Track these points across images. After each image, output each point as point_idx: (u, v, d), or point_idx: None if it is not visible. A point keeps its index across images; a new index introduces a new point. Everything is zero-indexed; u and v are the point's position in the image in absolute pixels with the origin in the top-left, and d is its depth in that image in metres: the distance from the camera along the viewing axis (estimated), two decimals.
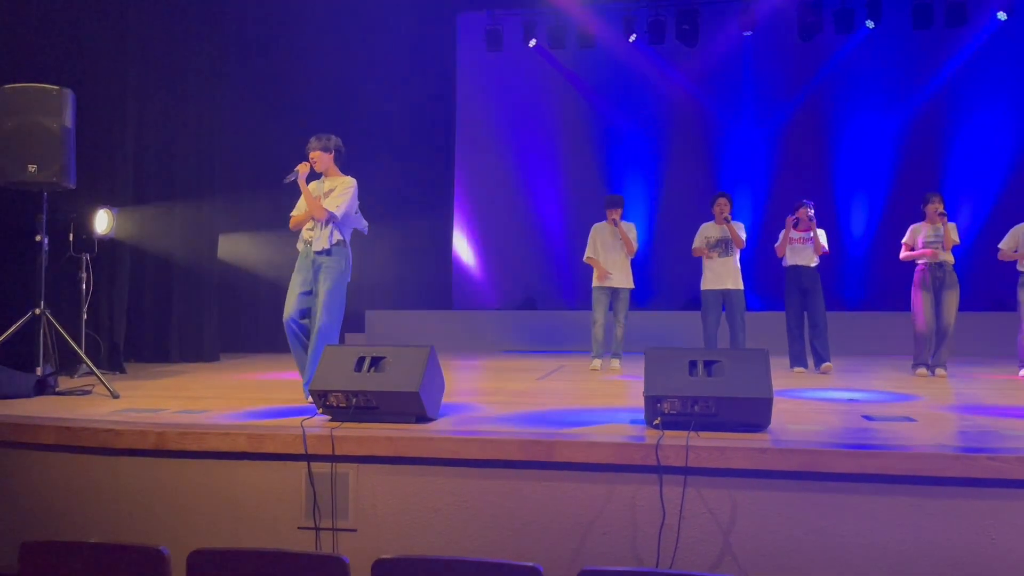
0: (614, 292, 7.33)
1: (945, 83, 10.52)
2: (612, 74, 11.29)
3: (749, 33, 10.70)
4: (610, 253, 7.34)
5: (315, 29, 9.44)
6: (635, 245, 7.46)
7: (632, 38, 10.87)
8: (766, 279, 10.87)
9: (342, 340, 9.86)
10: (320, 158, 5.12)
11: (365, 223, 5.36)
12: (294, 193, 5.51)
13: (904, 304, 6.85)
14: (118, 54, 7.13)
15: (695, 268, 11.22)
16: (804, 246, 6.95)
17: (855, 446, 3.23)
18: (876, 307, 10.15)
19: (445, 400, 4.57)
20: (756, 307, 10.85)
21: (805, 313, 6.98)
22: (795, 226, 7.03)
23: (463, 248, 11.47)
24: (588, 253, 7.46)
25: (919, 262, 6.61)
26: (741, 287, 7.08)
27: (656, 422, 3.53)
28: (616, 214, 7.33)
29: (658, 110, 11.33)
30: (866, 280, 10.56)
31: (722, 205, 7.17)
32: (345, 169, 5.34)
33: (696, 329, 10.05)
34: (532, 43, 11.05)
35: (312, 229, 5.06)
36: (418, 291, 10.65)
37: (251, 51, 8.91)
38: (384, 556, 2.16)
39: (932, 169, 10.41)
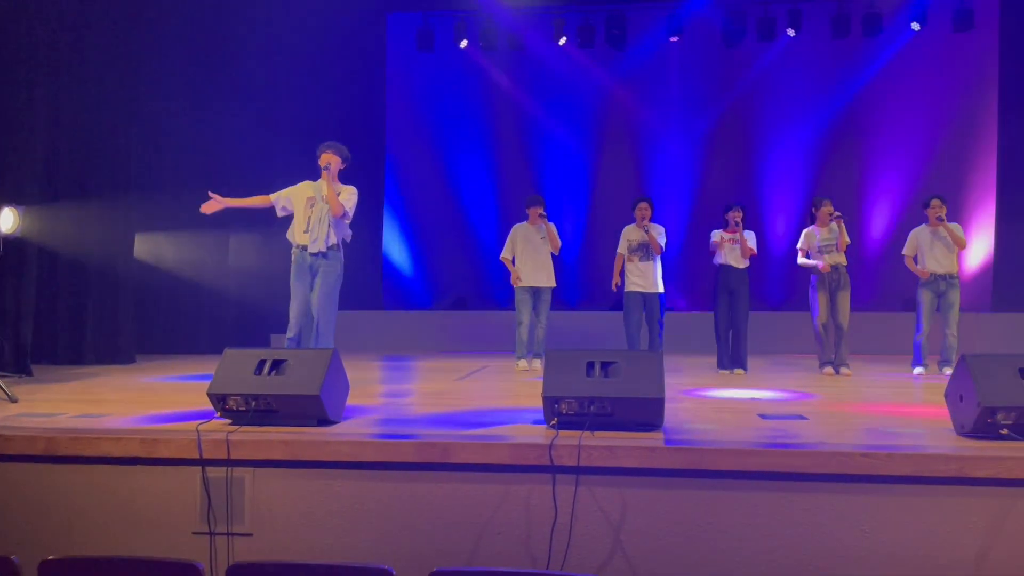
0: (536, 292, 7.37)
1: (862, 90, 10.88)
2: (543, 76, 11.38)
3: (676, 39, 10.91)
4: (534, 253, 7.38)
5: (241, 22, 9.29)
6: (559, 242, 7.44)
7: (562, 41, 10.98)
8: (693, 280, 11.12)
9: (268, 342, 9.81)
10: (332, 161, 5.37)
11: (350, 232, 5.47)
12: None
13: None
14: (23, 40, 6.85)
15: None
16: (733, 247, 7.11)
17: (740, 444, 3.34)
18: (797, 307, 10.44)
19: (356, 402, 4.59)
20: (683, 307, 11.08)
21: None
22: (724, 228, 7.19)
23: (394, 248, 11.44)
24: (504, 253, 7.47)
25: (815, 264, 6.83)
26: (661, 290, 7.20)
27: (553, 422, 3.60)
28: (537, 212, 7.34)
29: (588, 113, 11.47)
30: (787, 280, 10.86)
31: (643, 210, 7.29)
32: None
33: (619, 328, 10.25)
34: (463, 44, 11.07)
35: (308, 232, 5.16)
36: (347, 292, 10.43)
37: (172, 39, 8.70)
38: (241, 562, 2.16)
39: (849, 172, 10.77)
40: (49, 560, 2.07)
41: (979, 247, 10.29)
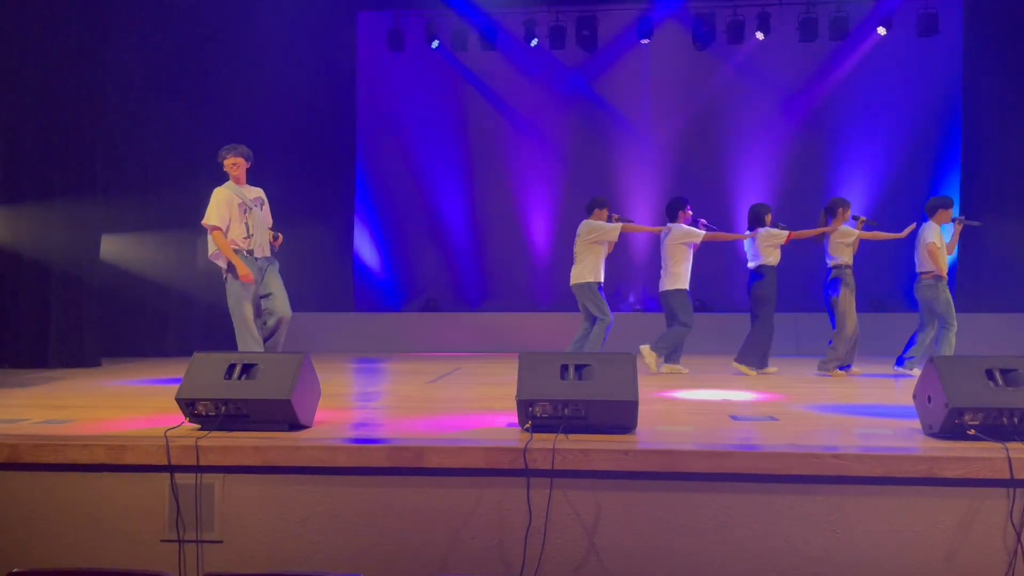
0: None
1: (830, 92, 11.04)
2: (514, 77, 11.40)
3: (646, 41, 10.97)
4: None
5: (210, 22, 9.17)
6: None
7: (534, 42, 10.99)
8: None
9: (237, 345, 9.69)
10: (239, 165, 5.46)
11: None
12: (187, 193, 5.57)
13: (803, 306, 7.15)
14: None
15: None
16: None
17: (712, 447, 3.35)
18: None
19: (327, 406, 4.54)
20: (654, 309, 11.14)
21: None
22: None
23: (365, 249, 11.37)
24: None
25: (844, 263, 6.82)
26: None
27: (527, 426, 3.59)
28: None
29: (559, 113, 11.51)
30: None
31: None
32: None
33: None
34: (435, 44, 11.05)
35: (248, 238, 5.37)
36: (318, 293, 10.49)
37: (139, 38, 8.56)
38: (213, 572, 2.12)
39: (817, 173, 10.92)
40: (14, 573, 2.01)
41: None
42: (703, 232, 7.08)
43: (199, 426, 3.68)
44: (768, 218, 7.02)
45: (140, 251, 8.49)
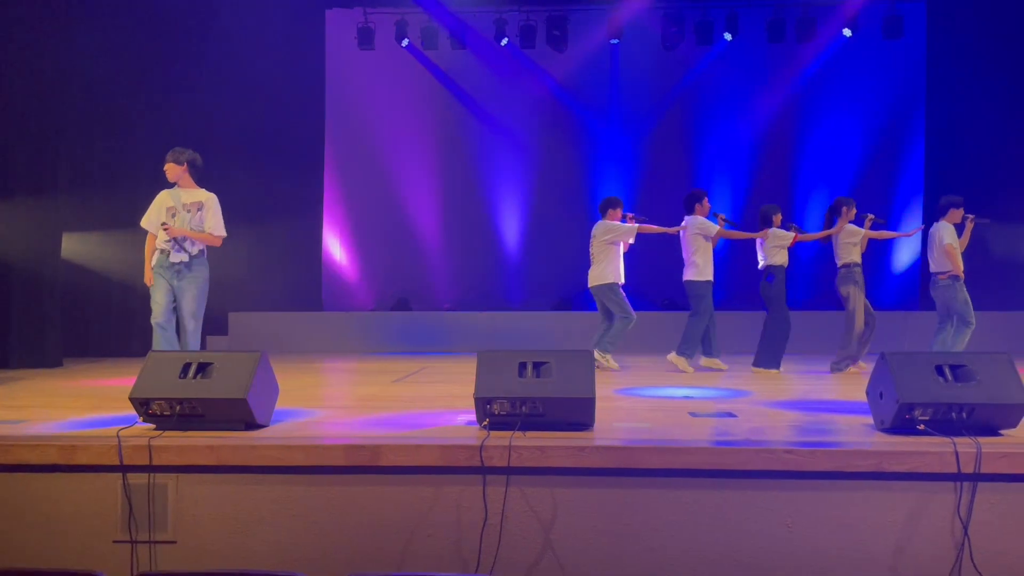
0: None
1: (797, 93, 11.15)
2: (485, 76, 11.39)
3: (616, 41, 11.02)
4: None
5: (175, 18, 9.07)
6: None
7: (504, 41, 10.99)
8: (637, 280, 11.22)
9: (204, 344, 9.60)
10: (170, 169, 5.48)
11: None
12: (152, 191, 5.57)
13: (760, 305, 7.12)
14: None
15: (566, 268, 11.50)
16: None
17: (667, 443, 3.38)
18: (738, 307, 10.63)
19: (289, 406, 4.52)
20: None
21: None
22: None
23: (334, 248, 11.31)
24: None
25: (853, 262, 6.90)
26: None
27: (485, 423, 3.59)
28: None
29: (530, 113, 11.51)
30: (729, 280, 11.04)
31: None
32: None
33: (561, 327, 10.33)
34: (405, 42, 11.01)
35: (168, 241, 5.35)
36: (286, 292, 10.41)
37: (103, 32, 8.44)
38: (147, 572, 2.10)
39: (784, 173, 11.02)
40: None
41: (907, 248, 10.63)
42: (716, 227, 7.13)
43: (154, 426, 3.64)
44: (777, 219, 7.07)
45: (104, 250, 8.37)
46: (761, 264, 7.05)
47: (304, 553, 3.33)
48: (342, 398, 5.30)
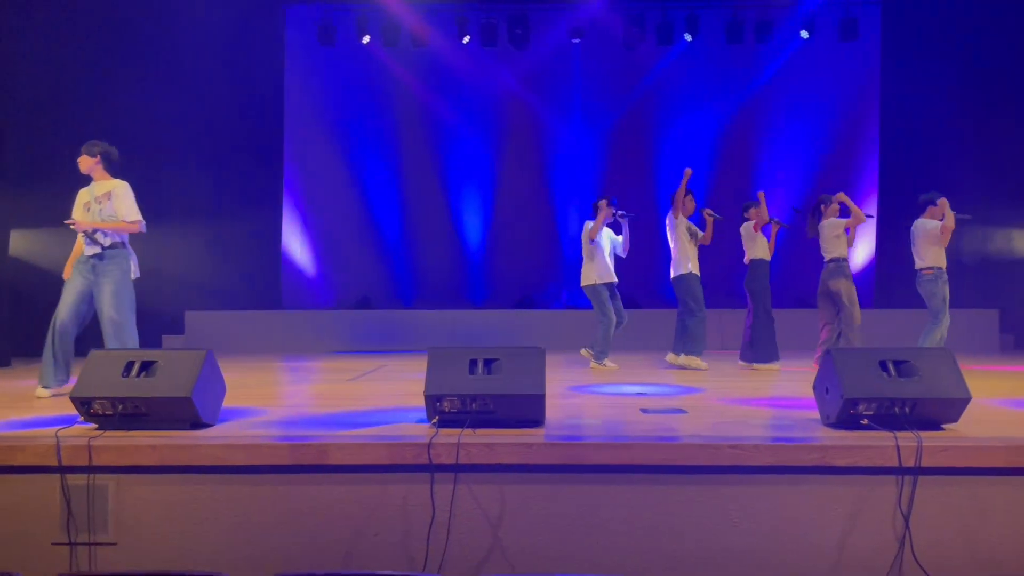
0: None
1: (756, 94, 11.26)
2: (446, 74, 11.35)
3: (578, 40, 11.04)
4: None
5: (132, 11, 8.91)
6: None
7: (466, 39, 10.96)
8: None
9: (159, 343, 9.45)
10: (83, 161, 5.38)
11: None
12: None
13: (729, 303, 7.25)
14: None
15: (528, 266, 11.50)
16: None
17: (614, 439, 3.38)
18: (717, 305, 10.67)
19: (239, 405, 4.45)
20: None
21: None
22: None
23: (294, 246, 11.19)
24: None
25: (840, 256, 6.91)
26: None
27: (434, 421, 3.57)
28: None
29: (492, 111, 11.50)
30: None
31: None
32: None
33: (523, 325, 10.32)
34: (366, 39, 10.93)
35: (84, 236, 5.23)
36: (244, 291, 10.28)
37: (57, 24, 8.25)
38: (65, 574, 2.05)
39: (743, 173, 11.12)
40: None
41: (862, 247, 10.79)
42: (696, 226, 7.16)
43: (96, 426, 3.56)
44: (753, 213, 7.14)
45: (53, 247, 8.17)
46: (745, 259, 7.15)
47: (247, 553, 3.28)
48: (293, 396, 5.24)
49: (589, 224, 7.22)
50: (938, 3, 9.93)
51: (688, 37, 10.83)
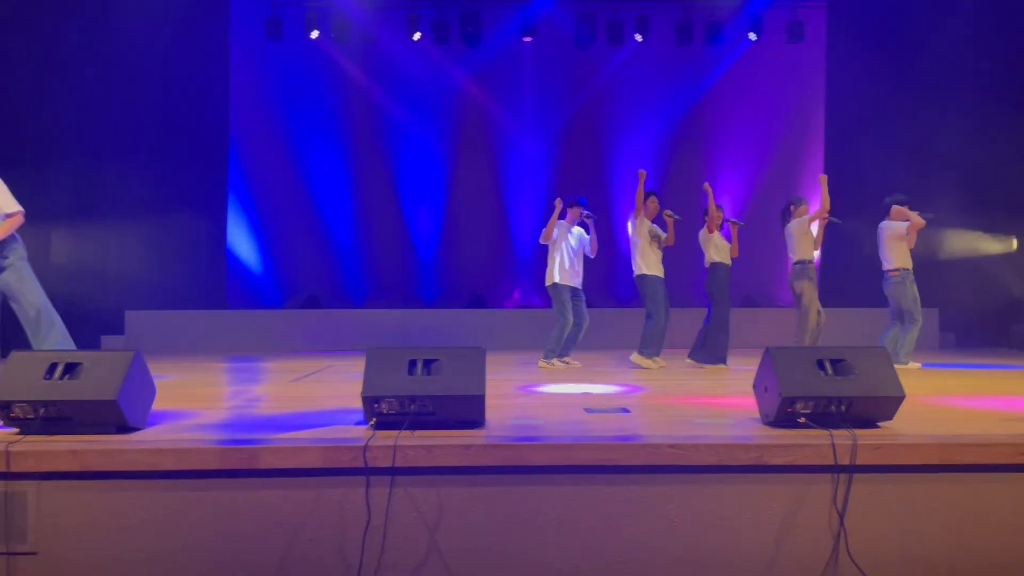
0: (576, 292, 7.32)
1: (705, 94, 11.38)
2: (397, 71, 11.26)
3: (529, 39, 11.03)
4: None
5: (75, 4, 8.65)
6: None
7: (417, 36, 10.88)
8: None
9: (99, 344, 9.18)
10: None
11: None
12: (42, 182, 5.26)
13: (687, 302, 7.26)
14: None
15: (480, 265, 11.44)
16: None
17: (555, 439, 3.35)
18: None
19: (171, 407, 4.32)
20: (538, 304, 11.21)
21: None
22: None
23: (240, 244, 10.97)
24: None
25: (805, 258, 6.98)
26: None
27: (372, 423, 3.50)
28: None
29: (443, 109, 11.43)
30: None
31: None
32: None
33: (475, 325, 10.27)
34: (315, 35, 10.78)
35: None
36: (188, 290, 10.05)
37: None
38: None
39: (693, 173, 11.20)
40: None
41: None
42: (649, 224, 7.16)
43: (17, 430, 3.41)
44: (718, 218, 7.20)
45: None
46: (706, 262, 7.19)
47: (175, 562, 3.17)
48: (230, 398, 5.12)
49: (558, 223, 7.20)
50: (881, 6, 10.13)
51: (639, 37, 10.89)
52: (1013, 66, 9.17)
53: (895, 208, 7.05)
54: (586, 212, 7.27)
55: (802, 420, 3.44)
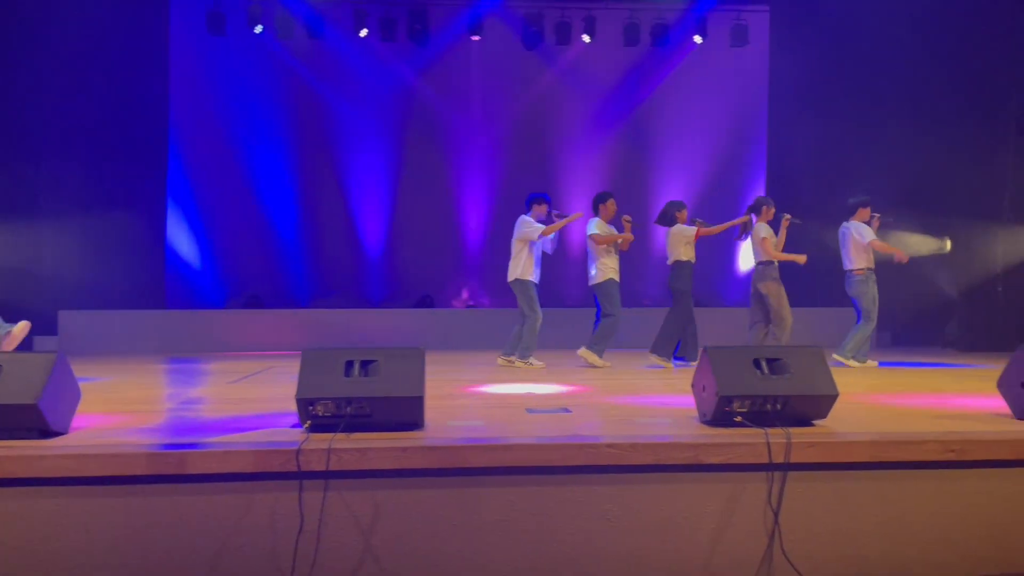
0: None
1: (652, 96, 11.48)
2: (344, 68, 11.11)
3: (477, 38, 10.98)
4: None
5: None
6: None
7: (363, 33, 10.75)
8: (496, 277, 11.22)
9: (30, 345, 8.86)
10: None
11: None
12: None
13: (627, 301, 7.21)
14: None
15: (428, 265, 11.35)
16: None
17: (493, 440, 3.32)
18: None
19: (98, 411, 4.18)
20: (486, 304, 11.18)
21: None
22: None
23: (180, 243, 10.71)
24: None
25: (768, 260, 7.08)
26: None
27: (307, 425, 3.42)
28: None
29: (391, 106, 11.33)
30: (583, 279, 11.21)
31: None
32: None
33: (422, 325, 10.18)
34: (258, 29, 10.56)
35: None
36: (125, 289, 9.76)
37: None
38: None
39: (639, 174, 11.32)
40: None
41: (748, 247, 11.09)
42: (611, 231, 7.17)
43: None
44: (682, 215, 7.20)
45: None
46: (669, 260, 7.23)
47: (99, 572, 3.05)
48: (162, 401, 4.98)
49: (524, 220, 7.15)
50: (823, 10, 10.32)
51: (586, 38, 10.92)
52: (949, 70, 9.42)
53: (861, 209, 7.22)
54: (555, 211, 7.36)
55: (738, 419, 3.47)
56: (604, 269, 7.04)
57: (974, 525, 3.31)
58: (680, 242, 7.15)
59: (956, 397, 4.86)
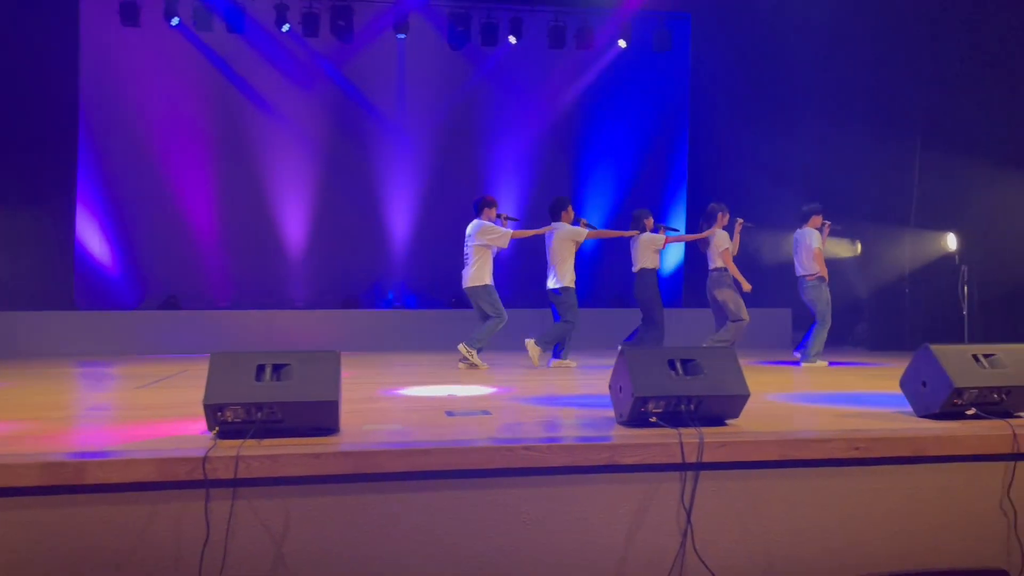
0: None
1: (576, 99, 11.58)
2: (265, 63, 10.89)
3: (403, 36, 10.89)
4: None
5: None
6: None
7: (285, 28, 10.53)
8: (421, 278, 11.15)
9: None
10: None
11: None
12: None
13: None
14: None
15: (352, 265, 11.18)
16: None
17: (409, 444, 3.28)
18: (524, 304, 10.76)
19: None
20: (413, 305, 11.08)
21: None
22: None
23: (91, 241, 10.29)
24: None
25: (722, 266, 7.24)
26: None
27: (215, 432, 3.31)
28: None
29: (314, 103, 11.15)
30: (517, 279, 11.18)
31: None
32: None
33: (347, 326, 10.03)
34: (175, 21, 10.24)
35: None
36: (30, 289, 9.33)
37: None
38: None
39: (564, 176, 11.41)
40: None
41: (674, 251, 11.32)
42: (587, 231, 7.21)
43: None
44: (649, 223, 7.26)
45: None
46: (634, 267, 7.26)
47: None
48: (63, 408, 4.75)
49: (486, 226, 7.09)
50: (745, 19, 10.58)
51: (512, 40, 10.94)
52: (864, 81, 9.77)
53: (813, 216, 7.45)
54: (507, 214, 7.45)
55: (654, 419, 3.52)
56: (566, 275, 7.09)
57: (876, 522, 3.43)
58: (649, 249, 7.29)
59: (862, 395, 5.03)
